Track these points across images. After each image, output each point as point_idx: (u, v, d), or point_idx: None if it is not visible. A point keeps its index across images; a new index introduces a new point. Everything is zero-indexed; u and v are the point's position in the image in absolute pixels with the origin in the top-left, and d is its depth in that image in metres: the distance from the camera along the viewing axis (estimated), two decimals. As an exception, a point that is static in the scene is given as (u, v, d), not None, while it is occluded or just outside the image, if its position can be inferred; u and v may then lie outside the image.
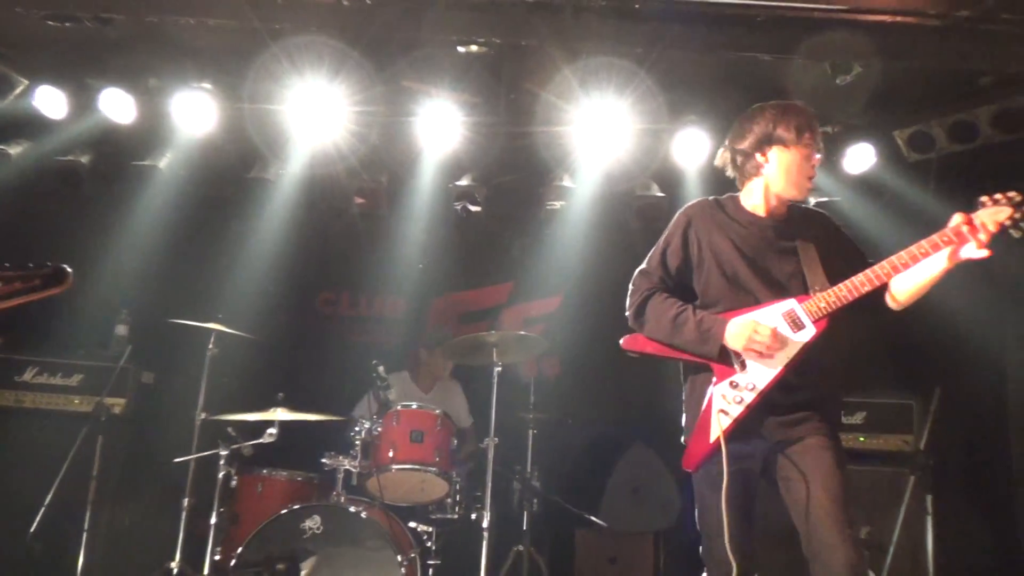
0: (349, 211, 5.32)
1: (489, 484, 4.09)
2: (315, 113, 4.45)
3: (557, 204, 5.13)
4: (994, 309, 4.53)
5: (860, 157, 4.61)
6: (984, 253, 2.40)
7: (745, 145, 2.67)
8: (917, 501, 4.30)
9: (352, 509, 3.92)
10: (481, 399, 4.50)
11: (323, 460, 4.16)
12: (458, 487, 4.32)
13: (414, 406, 4.35)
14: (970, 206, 2.47)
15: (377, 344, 5.78)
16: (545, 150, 4.84)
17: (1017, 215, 2.38)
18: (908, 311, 2.62)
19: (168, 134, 4.74)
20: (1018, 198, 2.40)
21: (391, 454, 4.17)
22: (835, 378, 2.63)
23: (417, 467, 4.18)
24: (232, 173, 5.15)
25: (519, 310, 5.96)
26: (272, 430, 4.04)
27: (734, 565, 2.46)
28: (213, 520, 4.04)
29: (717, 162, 2.80)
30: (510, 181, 5.35)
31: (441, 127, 4.58)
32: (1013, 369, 4.63)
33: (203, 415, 4.21)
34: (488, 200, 5.23)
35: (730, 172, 2.77)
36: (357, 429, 4.24)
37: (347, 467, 4.14)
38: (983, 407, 4.58)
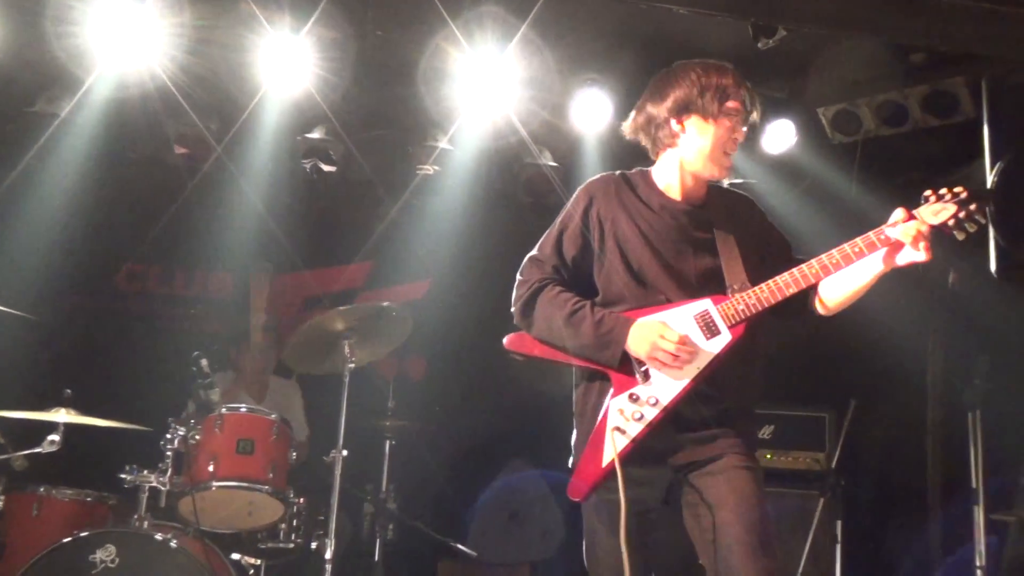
0: (166, 163, 5.20)
1: (335, 507, 4.09)
2: (123, 37, 4.30)
3: (430, 169, 5.18)
4: (916, 314, 4.92)
5: (780, 135, 4.91)
6: (923, 256, 2.49)
7: (661, 109, 2.72)
8: (826, 527, 4.64)
9: (158, 537, 3.85)
10: (327, 402, 4.51)
11: (122, 475, 4.05)
12: (296, 510, 4.32)
13: (243, 409, 4.34)
14: (894, 196, 2.65)
15: (198, 332, 5.71)
16: (419, 102, 4.86)
17: (962, 214, 2.47)
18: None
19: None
20: (964, 195, 2.49)
21: (212, 468, 4.11)
22: (751, 389, 2.71)
23: (245, 484, 4.13)
24: (8, 104, 4.93)
25: (378, 296, 6.01)
26: (54, 437, 3.93)
27: None
28: (-31, 552, 3.92)
29: (627, 129, 2.85)
30: (374, 138, 5.35)
31: (289, 65, 4.51)
32: (934, 382, 5.05)
33: (-42, 417, 4.06)
34: (345, 159, 5.22)
35: (643, 140, 2.82)
36: (169, 436, 4.16)
37: (154, 484, 4.05)
38: (900, 424, 4.99)
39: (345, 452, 4.19)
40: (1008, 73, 4.20)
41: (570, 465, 2.70)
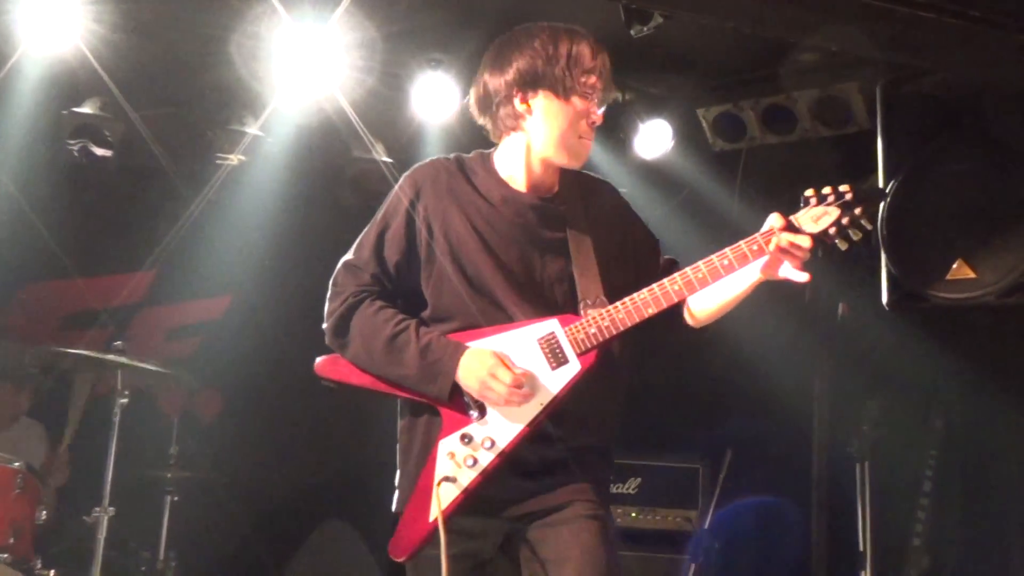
0: None
1: (96, 579, 4.00)
2: None
3: (235, 159, 5.08)
4: (801, 351, 5.11)
5: (654, 138, 5.02)
6: (802, 277, 2.55)
7: (501, 84, 2.70)
8: (690, 596, 4.71)
9: None
10: (90, 447, 4.47)
11: None
12: (44, 583, 4.17)
13: (-24, 456, 4.23)
14: (781, 212, 2.68)
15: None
16: (223, 76, 4.76)
17: (845, 220, 2.53)
18: (697, 343, 2.79)
19: None
20: (849, 196, 2.54)
21: (-68, 531, 4.00)
22: (607, 425, 2.72)
23: (-26, 553, 4.02)
24: None
25: (162, 314, 5.95)
26: None
27: None
28: None
29: (469, 101, 2.82)
30: (163, 117, 5.21)
31: (51, 20, 4.31)
32: (820, 429, 5.25)
33: None
34: (124, 142, 5.08)
35: (482, 120, 2.81)
36: None
37: None
38: (782, 477, 5.14)
39: (112, 510, 4.19)
40: (905, 80, 4.41)
41: (393, 509, 2.69)
